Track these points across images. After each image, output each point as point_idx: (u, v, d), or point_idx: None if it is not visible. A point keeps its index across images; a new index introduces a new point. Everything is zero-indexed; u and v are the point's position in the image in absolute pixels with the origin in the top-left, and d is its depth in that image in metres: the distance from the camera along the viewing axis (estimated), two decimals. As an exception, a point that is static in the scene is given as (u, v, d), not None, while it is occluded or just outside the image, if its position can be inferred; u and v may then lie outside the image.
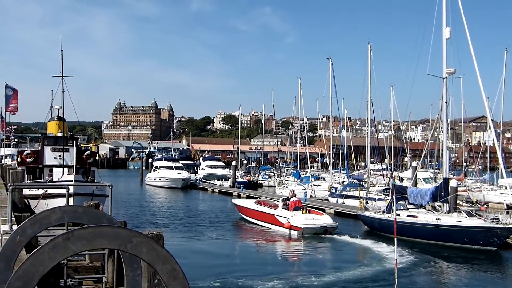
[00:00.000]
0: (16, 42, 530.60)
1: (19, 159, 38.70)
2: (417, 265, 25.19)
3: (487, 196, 49.16)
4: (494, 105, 57.23)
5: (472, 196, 47.07)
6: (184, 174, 74.20)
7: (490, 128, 69.67)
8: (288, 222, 33.14)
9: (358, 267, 24.97)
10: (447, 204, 31.83)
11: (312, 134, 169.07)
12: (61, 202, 19.57)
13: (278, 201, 36.71)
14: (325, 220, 33.68)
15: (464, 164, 77.74)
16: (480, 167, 71.34)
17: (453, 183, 33.52)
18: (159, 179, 75.02)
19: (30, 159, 37.65)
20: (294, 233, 32.77)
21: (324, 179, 64.04)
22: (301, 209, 34.36)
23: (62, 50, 37.45)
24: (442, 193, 31.68)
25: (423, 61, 39.39)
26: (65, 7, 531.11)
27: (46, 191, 27.63)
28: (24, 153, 38.73)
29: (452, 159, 75.66)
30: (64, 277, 11.84)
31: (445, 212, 31.55)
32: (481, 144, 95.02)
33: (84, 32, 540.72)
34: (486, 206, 41.94)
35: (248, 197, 51.36)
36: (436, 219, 30.73)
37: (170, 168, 76.57)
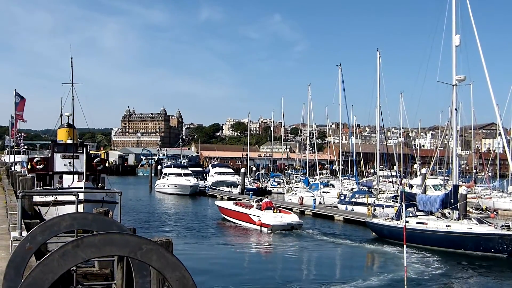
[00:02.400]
0: (27, 52, 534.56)
1: (29, 166, 38.84)
2: (426, 272, 25.03)
3: (497, 203, 48.84)
4: (504, 112, 57.03)
5: (482, 203, 46.79)
6: (192, 181, 74.26)
7: (500, 135, 69.24)
8: (259, 220, 37.58)
9: (367, 274, 24.89)
10: (457, 211, 31.66)
11: (321, 141, 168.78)
12: (71, 209, 19.65)
13: (253, 202, 41.14)
14: (292, 218, 38.26)
15: (474, 171, 77.33)
16: (490, 174, 70.88)
17: (462, 190, 33.36)
18: (168, 186, 75.13)
19: (40, 166, 37.78)
20: (265, 230, 36.97)
21: (333, 186, 63.77)
22: (272, 209, 38.68)
23: (72, 58, 37.58)
24: (452, 200, 31.50)
25: (432, 68, 39.34)
26: (76, 17, 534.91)
27: (56, 198, 27.72)
28: (35, 160, 38.87)
29: (462, 166, 75.26)
30: (73, 283, 11.86)
31: (455, 219, 31.38)
32: (491, 151, 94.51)
33: (94, 41, 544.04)
34: (496, 213, 41.68)
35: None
36: (446, 226, 30.55)
37: (179, 175, 76.68)
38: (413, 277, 23.14)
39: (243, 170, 76.10)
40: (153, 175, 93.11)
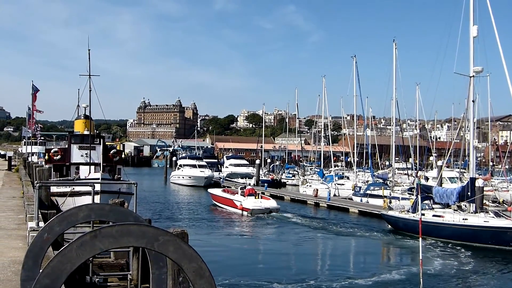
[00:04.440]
0: (42, 43, 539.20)
1: (46, 157, 39.14)
2: (442, 265, 24.90)
3: (514, 196, 48.33)
4: (522, 104, 56.08)
5: (499, 196, 46.34)
6: (207, 172, 74.40)
7: (517, 127, 68.11)
8: (241, 204, 42.13)
9: (382, 266, 24.84)
10: (474, 204, 31.39)
11: (336, 132, 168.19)
12: (88, 199, 19.76)
13: (238, 189, 45.85)
14: (270, 203, 43.09)
15: (491, 163, 76.54)
16: (507, 166, 70.18)
17: (479, 182, 33.08)
18: (183, 177, 75.40)
19: (57, 157, 38.07)
20: (245, 213, 41.32)
21: (348, 178, 63.64)
22: (254, 195, 43.34)
23: (89, 50, 37.67)
24: (469, 193, 31.25)
25: (449, 59, 38.83)
26: (91, 7, 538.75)
27: (73, 188, 27.91)
28: (52, 151, 39.14)
29: (478, 159, 74.54)
30: (89, 274, 11.96)
31: (471, 212, 31.13)
32: (508, 143, 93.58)
33: (109, 31, 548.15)
34: (513, 206, 41.26)
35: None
36: (463, 219, 30.33)
37: (194, 166, 76.84)
38: (429, 270, 23.02)
39: (257, 161, 76.07)
40: (168, 166, 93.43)
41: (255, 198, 43.00)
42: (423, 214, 28.66)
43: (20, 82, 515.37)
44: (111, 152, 40.00)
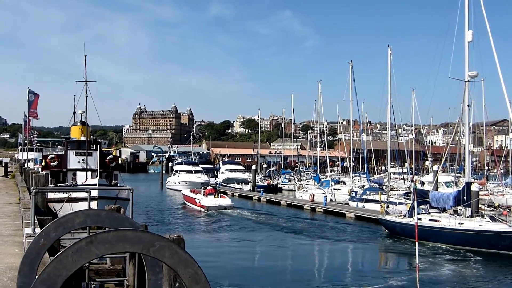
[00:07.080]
0: (38, 48, 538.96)
1: (43, 163, 39.08)
2: (439, 270, 24.91)
3: (510, 200, 48.38)
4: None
5: (494, 200, 46.39)
6: (203, 177, 74.40)
7: (513, 132, 68.42)
8: (199, 202, 48.07)
9: (379, 272, 24.83)
10: (470, 208, 31.44)
11: (332, 138, 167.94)
12: (85, 205, 19.75)
13: (201, 189, 51.78)
14: (225, 201, 48.43)
15: (486, 168, 76.70)
16: (502, 171, 70.26)
17: (475, 187, 33.13)
18: (179, 183, 75.36)
19: (54, 163, 38.01)
20: (203, 210, 46.74)
21: (344, 183, 63.68)
22: (214, 194, 48.80)
23: (85, 56, 37.60)
24: (465, 197, 31.29)
25: (444, 64, 39.05)
26: (87, 13, 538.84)
27: (70, 194, 27.87)
28: (49, 157, 39.08)
29: (474, 163, 74.66)
30: (86, 280, 11.93)
31: (467, 217, 31.17)
32: (503, 148, 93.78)
33: (105, 37, 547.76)
34: (508, 210, 41.33)
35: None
36: (459, 223, 30.37)
37: (190, 172, 76.90)
38: (425, 275, 23.01)
39: (254, 167, 76.10)
40: (164, 172, 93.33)
41: (214, 197, 48.21)
42: (419, 219, 28.72)
43: (16, 89, 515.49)
44: (108, 158, 39.97)
